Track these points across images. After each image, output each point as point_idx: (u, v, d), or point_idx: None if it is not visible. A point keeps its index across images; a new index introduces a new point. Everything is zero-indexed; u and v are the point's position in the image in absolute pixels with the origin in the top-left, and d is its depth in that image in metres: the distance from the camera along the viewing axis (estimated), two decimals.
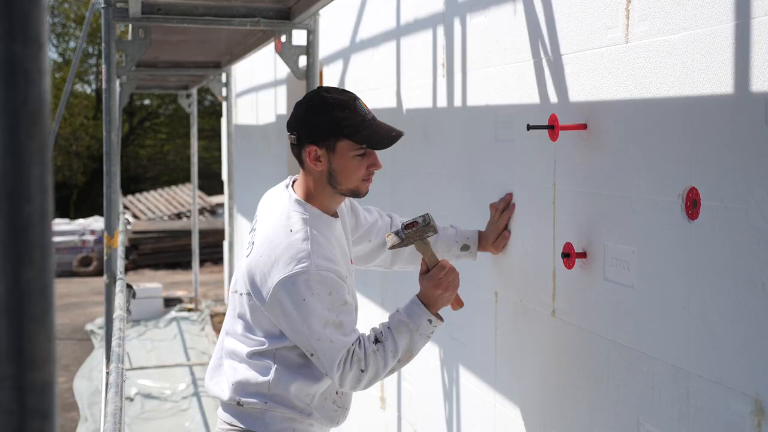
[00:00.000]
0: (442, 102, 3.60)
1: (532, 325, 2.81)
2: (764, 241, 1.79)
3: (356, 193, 2.58)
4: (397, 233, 2.57)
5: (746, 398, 1.85)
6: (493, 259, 3.07)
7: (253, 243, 2.57)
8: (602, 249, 2.41)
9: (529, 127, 2.60)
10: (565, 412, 2.61)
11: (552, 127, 2.57)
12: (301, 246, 2.45)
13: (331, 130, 2.49)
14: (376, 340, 2.51)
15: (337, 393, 2.67)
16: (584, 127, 2.47)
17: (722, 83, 1.92)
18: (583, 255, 2.50)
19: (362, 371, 2.48)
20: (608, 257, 2.38)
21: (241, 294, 2.58)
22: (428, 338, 2.57)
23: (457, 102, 3.42)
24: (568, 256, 2.51)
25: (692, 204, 2.02)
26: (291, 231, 2.48)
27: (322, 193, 2.57)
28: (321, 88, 2.59)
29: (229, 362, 2.64)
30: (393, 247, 2.57)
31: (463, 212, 3.34)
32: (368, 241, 2.89)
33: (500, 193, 3.01)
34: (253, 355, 2.56)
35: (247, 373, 2.57)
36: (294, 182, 2.66)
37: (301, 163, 2.57)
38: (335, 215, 2.63)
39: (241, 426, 2.60)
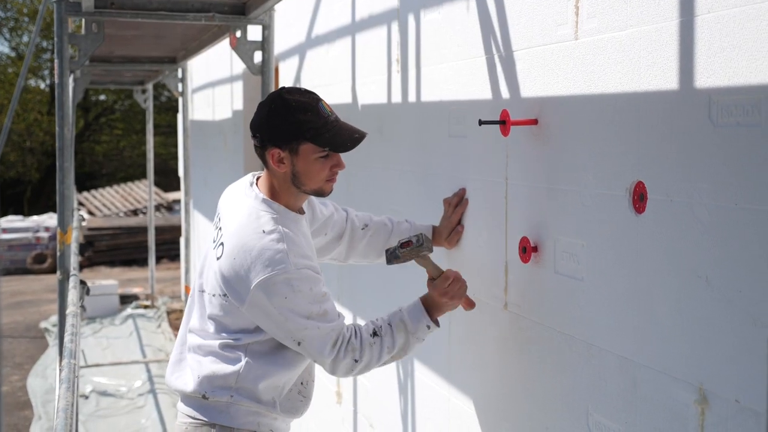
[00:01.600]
0: (396, 98, 3.62)
1: (485, 319, 2.84)
2: (708, 234, 1.83)
3: (320, 193, 2.60)
4: (394, 251, 2.66)
5: (690, 387, 1.89)
6: (446, 254, 3.10)
7: (222, 244, 2.56)
8: (553, 243, 2.45)
9: (480, 123, 2.62)
10: (517, 403, 2.64)
11: (503, 123, 2.60)
12: (278, 247, 2.46)
13: (294, 133, 2.50)
14: (375, 333, 2.56)
15: (302, 383, 2.69)
16: (535, 122, 2.50)
17: (668, 79, 1.96)
18: (535, 249, 2.53)
19: (356, 361, 2.52)
20: (559, 251, 2.41)
21: (213, 295, 2.58)
22: (422, 341, 2.65)
23: (412, 98, 3.44)
24: (525, 250, 2.55)
25: (639, 198, 2.05)
26: (264, 232, 2.48)
27: (287, 193, 2.59)
28: (283, 89, 2.58)
29: (193, 356, 2.64)
30: (391, 263, 2.68)
31: (417, 207, 3.36)
32: (324, 235, 2.91)
33: (454, 188, 3.04)
34: (225, 347, 2.56)
35: (214, 366, 2.57)
36: (258, 179, 2.66)
37: (265, 163, 2.58)
38: (301, 211, 2.65)
39: (204, 419, 2.59)
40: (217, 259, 2.55)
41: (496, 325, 2.78)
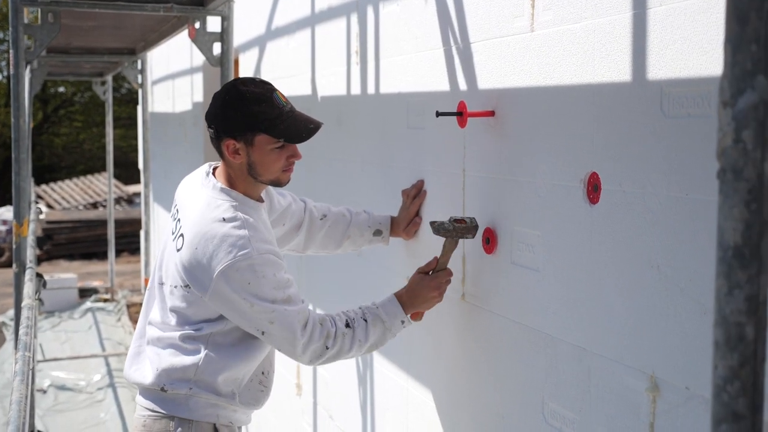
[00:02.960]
0: (355, 89, 3.62)
1: (443, 309, 2.86)
2: (659, 223, 1.86)
3: (277, 183, 2.60)
4: (442, 224, 2.58)
5: (643, 376, 1.92)
6: (405, 245, 3.11)
7: (182, 235, 2.54)
8: (509, 233, 2.46)
9: (438, 114, 2.63)
10: (474, 393, 2.66)
11: (461, 114, 2.61)
12: (239, 233, 2.45)
13: (248, 124, 2.49)
14: (347, 325, 2.55)
15: (263, 373, 2.68)
16: (492, 114, 2.52)
17: (621, 71, 1.98)
18: (492, 240, 2.55)
19: (327, 348, 2.52)
20: (515, 241, 2.43)
21: (175, 286, 2.56)
22: (395, 336, 2.65)
23: (371, 89, 3.45)
24: (489, 241, 2.56)
25: (593, 188, 2.08)
26: (224, 219, 2.48)
27: (244, 183, 2.58)
28: (238, 80, 2.57)
29: (152, 348, 2.62)
30: (441, 234, 2.60)
31: (376, 198, 3.36)
32: (282, 225, 2.90)
33: (412, 180, 3.05)
34: (185, 339, 2.55)
35: (173, 359, 2.56)
36: (215, 170, 2.66)
37: (221, 154, 2.57)
38: (260, 200, 2.65)
39: (163, 412, 2.59)
40: (178, 250, 2.54)
41: (453, 316, 2.80)
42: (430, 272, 2.67)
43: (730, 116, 1.03)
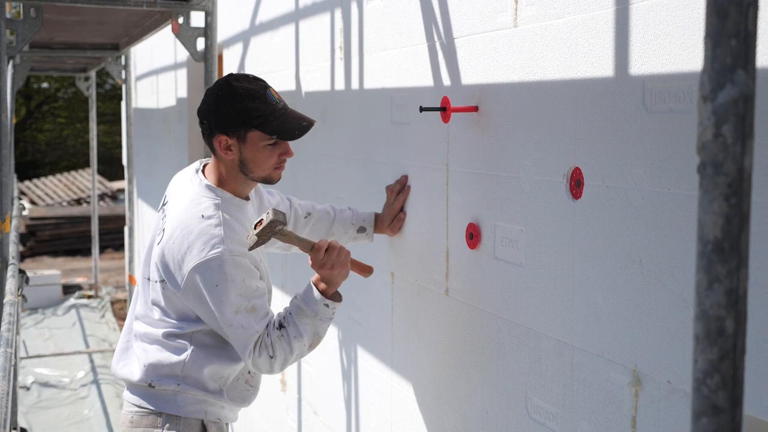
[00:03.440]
0: (339, 85, 3.61)
1: (427, 305, 2.86)
2: (642, 218, 1.86)
3: (268, 181, 2.59)
4: (258, 237, 2.45)
5: (625, 370, 1.92)
6: (389, 241, 3.11)
7: (164, 229, 2.54)
8: (493, 229, 2.47)
9: (421, 109, 2.63)
10: (458, 388, 2.66)
11: (444, 109, 2.61)
12: (215, 231, 2.44)
13: (241, 120, 2.48)
14: (281, 326, 2.51)
15: (249, 373, 2.69)
16: (476, 109, 2.52)
17: (603, 67, 1.98)
18: (476, 235, 2.55)
19: (271, 357, 2.49)
20: (498, 236, 2.44)
21: (155, 281, 2.57)
22: (330, 320, 2.56)
23: (355, 85, 3.44)
24: (472, 236, 2.56)
25: (576, 183, 2.08)
26: (203, 216, 2.47)
27: (235, 180, 2.58)
28: (231, 76, 2.56)
29: (139, 344, 2.62)
30: (251, 248, 2.46)
31: (361, 194, 3.36)
32: None
33: (396, 175, 3.05)
34: (169, 336, 2.55)
35: (160, 355, 2.56)
36: (205, 167, 2.65)
37: (213, 150, 2.56)
38: (247, 198, 2.64)
39: (151, 408, 2.58)
40: (158, 244, 2.55)
41: (437, 311, 2.80)
42: (310, 259, 2.55)
43: (710, 111, 1.03)
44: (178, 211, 2.54)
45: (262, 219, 2.42)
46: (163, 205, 2.70)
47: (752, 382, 1.59)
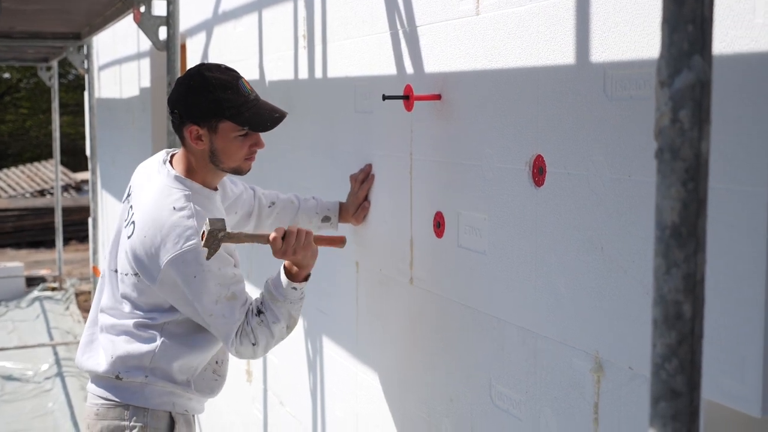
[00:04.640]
0: (303, 74, 3.59)
1: (391, 294, 2.86)
2: (603, 205, 1.87)
3: (238, 171, 2.59)
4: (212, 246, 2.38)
5: (587, 356, 1.93)
6: (353, 230, 3.10)
7: (133, 222, 2.52)
8: (456, 217, 2.47)
9: (384, 98, 2.63)
10: (422, 377, 2.67)
11: (407, 98, 2.60)
12: (187, 223, 2.43)
13: (213, 111, 2.46)
14: (259, 312, 2.52)
15: (217, 363, 2.69)
16: (438, 97, 2.51)
17: (565, 54, 1.99)
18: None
19: (254, 344, 2.50)
20: (462, 224, 2.44)
21: (126, 274, 2.54)
22: (301, 300, 2.55)
23: (318, 73, 3.43)
24: (439, 225, 2.56)
25: (538, 171, 2.08)
26: (174, 209, 2.46)
27: (204, 170, 2.56)
28: (203, 65, 2.54)
29: (106, 336, 2.60)
30: (208, 258, 2.39)
31: (325, 183, 3.35)
32: (234, 213, 2.88)
33: (360, 164, 3.04)
34: (139, 327, 2.53)
35: (128, 346, 2.54)
36: (172, 157, 2.62)
37: (183, 140, 2.54)
38: (215, 189, 2.62)
39: (117, 400, 2.57)
40: (128, 237, 2.52)
41: (402, 300, 2.80)
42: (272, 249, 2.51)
43: (667, 96, 1.04)
44: (147, 202, 2.51)
45: (203, 231, 2.36)
46: (128, 195, 2.67)
47: (710, 366, 1.60)
